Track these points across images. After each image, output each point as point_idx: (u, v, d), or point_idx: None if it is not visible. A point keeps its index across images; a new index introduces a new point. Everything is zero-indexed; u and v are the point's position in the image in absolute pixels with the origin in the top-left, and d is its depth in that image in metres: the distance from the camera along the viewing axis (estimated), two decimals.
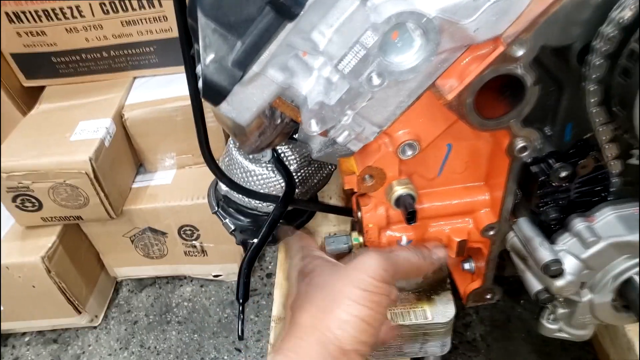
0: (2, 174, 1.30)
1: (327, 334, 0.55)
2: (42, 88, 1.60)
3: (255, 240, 0.85)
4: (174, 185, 1.53)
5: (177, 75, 1.53)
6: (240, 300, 0.78)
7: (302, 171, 0.97)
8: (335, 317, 0.55)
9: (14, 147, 1.36)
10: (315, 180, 1.01)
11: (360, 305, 0.56)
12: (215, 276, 1.66)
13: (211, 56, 0.50)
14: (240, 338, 0.75)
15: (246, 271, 0.80)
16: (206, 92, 0.52)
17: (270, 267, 1.69)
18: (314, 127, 0.56)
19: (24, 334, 1.62)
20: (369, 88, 0.53)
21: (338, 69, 0.51)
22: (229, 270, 1.64)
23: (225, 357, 1.47)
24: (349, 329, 0.55)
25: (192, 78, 0.63)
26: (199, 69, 0.52)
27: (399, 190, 0.65)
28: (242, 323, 0.76)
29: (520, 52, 0.52)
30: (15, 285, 1.42)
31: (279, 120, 0.70)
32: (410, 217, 0.64)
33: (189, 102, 0.73)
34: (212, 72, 0.50)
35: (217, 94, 0.52)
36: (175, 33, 1.46)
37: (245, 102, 0.54)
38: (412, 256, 0.65)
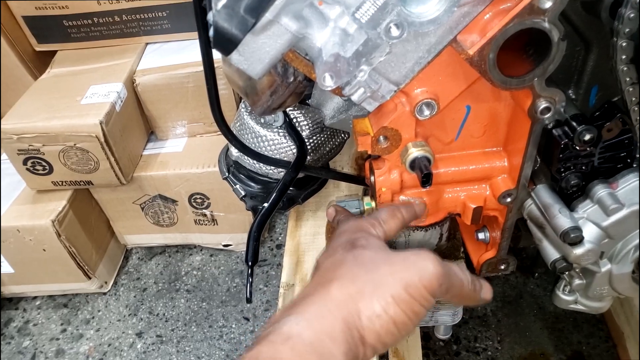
0: (13, 135, 1.30)
1: (355, 317, 0.51)
2: (53, 53, 1.59)
3: (266, 205, 0.83)
4: (185, 153, 1.52)
5: (189, 41, 1.51)
6: (249, 263, 0.76)
7: (314, 138, 0.95)
8: (370, 306, 0.51)
9: (24, 110, 1.35)
10: (327, 149, 0.99)
11: (399, 308, 0.52)
12: (225, 246, 1.66)
13: (223, 1, 0.48)
14: (249, 301, 0.74)
15: (256, 234, 0.79)
16: (217, 41, 0.49)
17: (280, 238, 1.68)
18: (328, 82, 0.54)
19: (35, 297, 1.63)
20: (388, 39, 0.51)
21: (355, 17, 0.49)
22: (239, 240, 1.63)
23: (233, 326, 1.47)
24: (378, 325, 0.51)
25: (203, 28, 0.61)
26: (210, 16, 0.50)
27: (415, 152, 0.63)
28: (251, 286, 0.75)
29: (548, 4, 0.49)
30: (26, 248, 1.42)
31: (291, 78, 0.68)
32: (426, 179, 0.62)
33: (201, 68, 0.69)
34: (224, 18, 0.48)
35: (228, 43, 0.49)
36: None
37: (258, 52, 0.51)
38: (466, 282, 0.59)
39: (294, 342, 0.48)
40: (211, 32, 0.50)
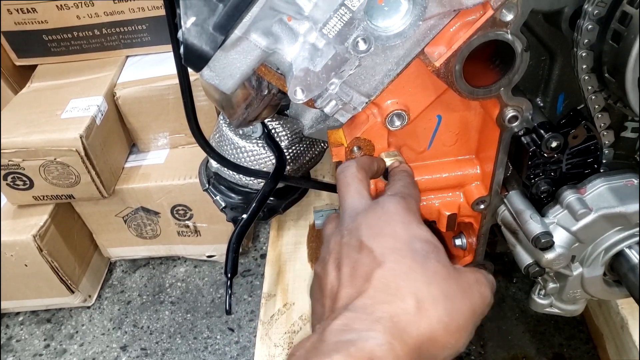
0: None
1: (430, 346, 0.49)
2: (34, 67, 1.59)
3: (245, 216, 0.84)
4: (166, 165, 1.52)
5: (169, 53, 1.49)
6: (229, 275, 0.77)
7: (293, 148, 0.96)
8: (447, 339, 0.49)
9: (4, 125, 1.34)
10: (307, 158, 1.00)
11: (463, 338, 0.50)
12: (209, 256, 1.66)
13: (192, 19, 0.49)
14: (228, 312, 0.74)
15: (235, 246, 0.79)
16: (187, 57, 0.50)
17: (264, 247, 1.68)
18: (299, 95, 0.55)
19: (17, 313, 1.61)
20: (356, 53, 0.52)
21: (323, 32, 0.50)
22: (223, 251, 1.61)
23: (218, 337, 1.47)
24: (446, 353, 0.50)
25: (176, 44, 0.62)
26: (180, 33, 0.51)
27: (388, 161, 0.64)
28: (230, 297, 0.75)
29: (509, 17, 0.50)
30: (8, 264, 1.41)
31: (265, 91, 0.69)
32: None
33: None
34: (193, 35, 0.49)
35: (198, 59, 0.50)
36: None
37: (228, 68, 0.52)
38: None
39: None
40: (182, 49, 0.50)
